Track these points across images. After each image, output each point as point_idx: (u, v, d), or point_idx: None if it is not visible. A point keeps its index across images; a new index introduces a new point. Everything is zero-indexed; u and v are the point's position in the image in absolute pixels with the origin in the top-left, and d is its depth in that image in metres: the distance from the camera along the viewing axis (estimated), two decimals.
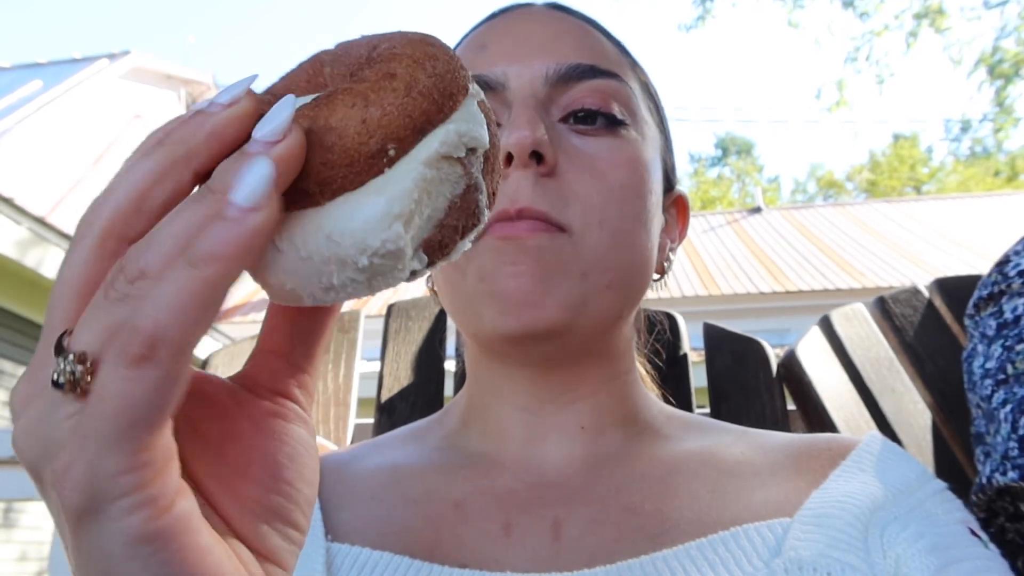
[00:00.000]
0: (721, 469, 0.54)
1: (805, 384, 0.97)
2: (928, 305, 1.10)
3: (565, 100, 0.56)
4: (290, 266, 0.27)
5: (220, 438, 0.30)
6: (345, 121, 0.26)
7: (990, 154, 22.85)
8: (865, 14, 9.20)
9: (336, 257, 0.26)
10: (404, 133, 0.26)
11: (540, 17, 0.60)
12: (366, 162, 0.26)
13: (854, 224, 11.91)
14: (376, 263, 0.26)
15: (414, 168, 0.26)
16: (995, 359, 0.66)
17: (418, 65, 0.27)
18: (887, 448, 0.55)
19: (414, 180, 0.26)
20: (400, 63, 0.27)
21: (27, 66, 10.86)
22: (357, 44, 0.30)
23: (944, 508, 0.51)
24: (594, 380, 0.57)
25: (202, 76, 12.63)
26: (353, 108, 0.26)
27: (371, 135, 0.26)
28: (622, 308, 0.56)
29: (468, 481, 0.55)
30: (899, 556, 0.46)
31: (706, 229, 12.30)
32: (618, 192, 0.54)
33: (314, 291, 0.27)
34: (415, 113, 0.26)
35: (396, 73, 0.27)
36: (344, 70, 0.30)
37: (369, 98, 0.26)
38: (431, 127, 0.27)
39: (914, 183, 26.44)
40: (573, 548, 0.49)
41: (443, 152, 0.27)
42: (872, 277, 9.44)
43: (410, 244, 0.27)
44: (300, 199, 0.26)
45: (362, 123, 0.26)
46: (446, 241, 0.29)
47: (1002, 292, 0.70)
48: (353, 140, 0.26)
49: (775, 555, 0.46)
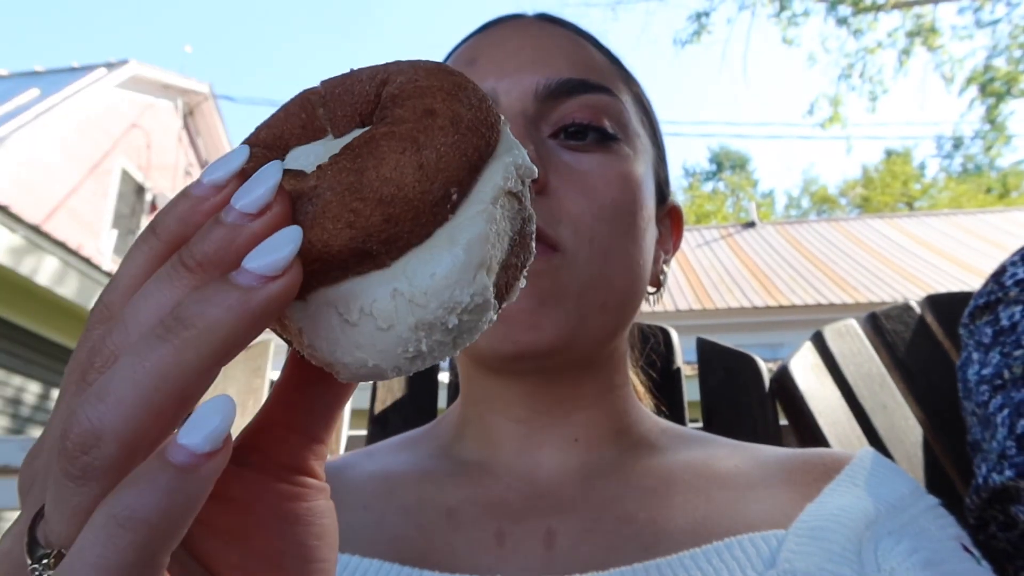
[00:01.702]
0: (715, 481, 0.54)
1: (797, 399, 0.97)
2: (919, 321, 1.10)
3: (555, 116, 0.55)
4: (367, 340, 0.24)
5: (243, 533, 0.28)
6: (400, 170, 0.23)
7: (982, 171, 23.01)
8: (859, 31, 9.27)
9: (422, 322, 0.23)
10: (462, 174, 0.24)
11: (530, 30, 0.60)
12: (430, 211, 0.23)
13: (847, 239, 11.96)
14: (465, 320, 0.24)
15: (482, 209, 0.24)
16: (992, 365, 0.67)
17: (453, 98, 0.25)
18: (880, 463, 0.56)
19: (485, 222, 0.24)
20: (434, 98, 0.25)
21: (25, 74, 10.87)
22: (355, 80, 0.27)
23: (937, 524, 0.51)
24: (588, 394, 0.58)
25: (199, 86, 12.65)
26: (404, 154, 0.23)
27: (432, 181, 0.23)
28: (617, 325, 0.57)
29: (461, 490, 0.55)
30: (893, 570, 0.46)
31: (700, 243, 12.34)
32: (609, 209, 0.54)
33: (398, 363, 0.24)
34: (469, 150, 0.24)
35: (435, 109, 0.24)
36: (349, 111, 0.27)
37: (419, 140, 0.23)
38: (483, 163, 0.25)
39: (907, 199, 26.56)
40: (566, 557, 0.49)
41: (507, 188, 0.26)
42: (865, 292, 9.47)
43: (493, 292, 0.25)
44: (361, 263, 0.24)
45: (419, 169, 0.23)
46: (511, 282, 0.27)
47: (999, 300, 0.71)
48: (414, 189, 0.23)
49: (769, 567, 0.46)
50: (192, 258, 0.22)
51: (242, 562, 0.28)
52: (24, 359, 5.46)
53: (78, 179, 9.91)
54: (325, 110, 0.28)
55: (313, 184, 0.23)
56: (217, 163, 0.24)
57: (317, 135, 0.28)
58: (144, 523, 0.20)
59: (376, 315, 0.23)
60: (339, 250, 0.23)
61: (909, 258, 10.79)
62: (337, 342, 0.24)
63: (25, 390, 5.51)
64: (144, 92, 11.54)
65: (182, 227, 0.24)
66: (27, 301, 5.17)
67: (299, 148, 0.27)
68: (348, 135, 0.27)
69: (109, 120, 10.63)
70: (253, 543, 0.28)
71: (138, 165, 11.25)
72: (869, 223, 13.11)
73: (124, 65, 10.91)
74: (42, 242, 4.91)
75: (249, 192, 0.23)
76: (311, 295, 0.24)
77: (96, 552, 0.20)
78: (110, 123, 10.64)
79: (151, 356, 0.21)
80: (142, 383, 0.21)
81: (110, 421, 0.21)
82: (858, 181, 28.65)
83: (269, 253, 0.22)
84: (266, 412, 0.30)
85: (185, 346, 0.21)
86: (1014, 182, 22.84)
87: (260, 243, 0.22)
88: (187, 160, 12.67)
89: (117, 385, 0.21)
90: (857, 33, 9.37)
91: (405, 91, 0.25)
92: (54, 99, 9.57)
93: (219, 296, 0.21)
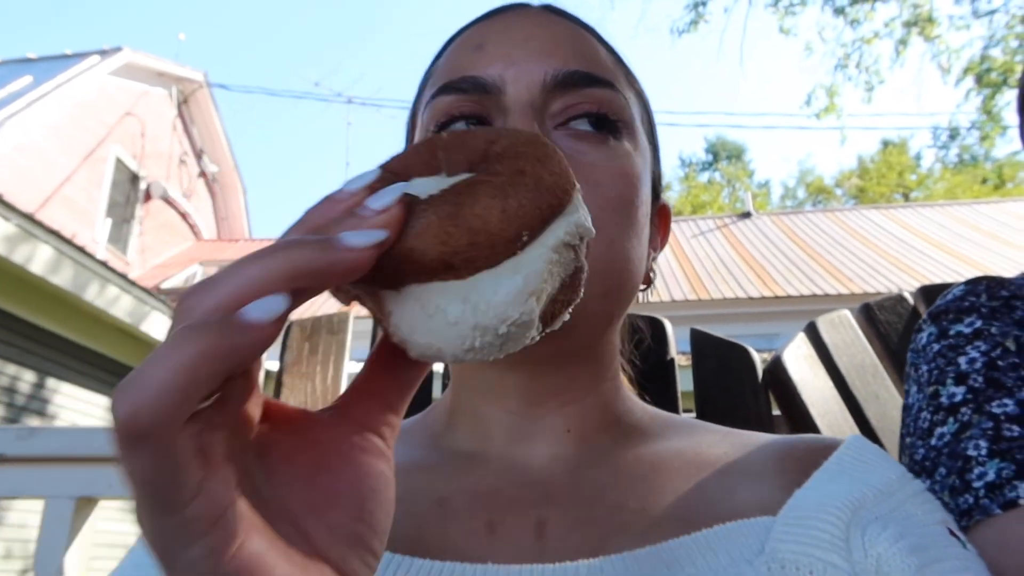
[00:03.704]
0: (705, 467, 0.55)
1: (790, 390, 0.98)
2: (913, 312, 1.11)
3: (560, 106, 0.56)
4: (438, 329, 0.31)
5: (312, 469, 0.33)
6: (488, 210, 0.30)
7: (978, 162, 23.06)
8: (856, 21, 9.26)
9: (480, 325, 0.31)
10: (535, 223, 0.31)
11: (538, 20, 0.60)
12: (505, 245, 0.31)
13: (843, 230, 11.99)
14: (511, 331, 0.31)
15: (544, 253, 0.32)
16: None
17: (541, 164, 0.33)
18: (868, 450, 0.56)
19: (544, 263, 0.32)
20: (527, 161, 0.32)
21: (17, 61, 10.79)
22: (471, 136, 0.36)
23: (924, 509, 0.52)
24: (582, 385, 0.58)
25: (194, 74, 12.58)
26: (494, 199, 0.30)
27: (510, 223, 0.30)
28: (612, 316, 0.57)
29: (452, 479, 0.55)
30: (880, 556, 0.47)
31: (696, 233, 12.35)
32: (615, 203, 0.54)
33: (456, 351, 0.31)
34: (543, 206, 0.31)
35: (525, 170, 0.32)
36: (462, 158, 0.35)
37: (507, 192, 0.31)
38: (552, 218, 0.32)
39: (902, 190, 26.62)
40: (557, 546, 0.50)
41: (565, 240, 0.33)
42: (859, 283, 9.50)
43: (538, 316, 0.32)
44: (445, 272, 0.31)
45: (503, 212, 0.30)
46: (556, 313, 0.34)
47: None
48: (496, 226, 0.30)
49: (757, 553, 0.47)
50: (329, 239, 0.29)
51: (306, 496, 0.32)
52: (18, 348, 5.44)
53: (72, 167, 9.86)
54: (444, 153, 0.36)
55: (424, 207, 0.31)
56: (356, 178, 0.33)
57: (435, 172, 0.36)
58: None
59: (447, 312, 0.31)
60: (431, 259, 0.30)
61: (905, 249, 10.82)
62: (414, 327, 0.31)
63: (20, 379, 5.49)
64: (138, 80, 11.47)
65: (323, 218, 0.31)
66: (21, 290, 5.15)
67: (420, 179, 0.34)
68: (457, 176, 0.34)
69: (103, 108, 10.57)
70: (318, 479, 0.32)
71: (132, 153, 11.19)
72: (865, 214, 13.15)
73: (118, 52, 10.84)
74: (36, 231, 4.89)
75: (379, 198, 0.31)
76: (404, 288, 0.32)
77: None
78: (104, 111, 10.58)
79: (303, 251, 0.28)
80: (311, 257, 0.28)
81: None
82: (854, 171, 28.70)
83: (383, 196, 0.30)
84: (355, 381, 0.36)
85: (330, 256, 0.28)
86: (1010, 173, 22.88)
87: (379, 233, 0.29)
88: (182, 148, 12.61)
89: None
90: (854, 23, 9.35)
91: (506, 152, 0.33)
92: (47, 86, 9.51)
93: (354, 220, 0.30)
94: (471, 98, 0.56)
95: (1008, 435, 0.60)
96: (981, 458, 0.60)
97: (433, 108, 0.57)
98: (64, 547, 1.39)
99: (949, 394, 0.65)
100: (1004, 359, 0.65)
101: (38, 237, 4.91)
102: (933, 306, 0.74)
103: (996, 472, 0.58)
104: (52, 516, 1.41)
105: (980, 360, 0.65)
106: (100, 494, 1.42)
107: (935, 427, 0.65)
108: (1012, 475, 0.57)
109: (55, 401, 5.84)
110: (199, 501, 0.27)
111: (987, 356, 0.65)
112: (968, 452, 0.61)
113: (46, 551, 1.39)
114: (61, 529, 1.40)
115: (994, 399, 0.62)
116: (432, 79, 0.60)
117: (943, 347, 0.69)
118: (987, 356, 0.65)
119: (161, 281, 10.75)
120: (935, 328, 0.71)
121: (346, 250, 0.29)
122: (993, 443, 0.60)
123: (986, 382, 0.64)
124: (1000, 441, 0.59)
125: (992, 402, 0.62)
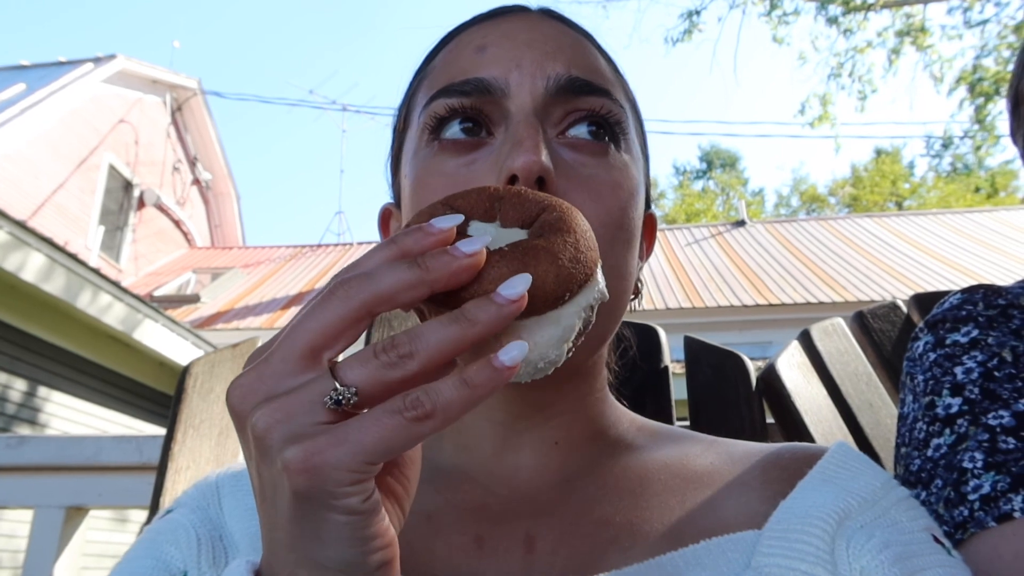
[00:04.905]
0: (691, 479, 0.55)
1: (784, 397, 0.98)
2: (906, 320, 1.11)
3: (560, 113, 0.56)
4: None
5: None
6: (546, 274, 0.39)
7: (971, 171, 23.19)
8: (849, 31, 9.32)
9: (527, 359, 0.40)
10: (575, 288, 0.40)
11: (540, 26, 0.59)
12: (552, 301, 0.40)
13: (836, 238, 12.02)
14: (543, 366, 0.41)
15: (576, 311, 0.41)
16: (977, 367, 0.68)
17: (583, 238, 0.42)
18: (852, 457, 0.56)
19: (576, 318, 0.41)
20: (572, 236, 0.41)
21: (11, 68, 10.77)
22: (527, 198, 0.44)
23: (908, 515, 0.52)
24: (570, 398, 0.58)
25: (188, 81, 12.58)
26: (551, 264, 0.39)
27: (559, 286, 0.39)
28: (606, 335, 0.57)
29: (439, 494, 0.55)
30: (864, 568, 0.47)
31: (690, 242, 12.38)
32: (615, 214, 0.54)
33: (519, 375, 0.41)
34: (581, 275, 0.41)
35: (574, 245, 0.41)
36: (517, 215, 0.44)
37: (559, 261, 0.40)
38: (585, 284, 0.41)
39: (896, 198, 26.74)
40: (546, 561, 0.49)
41: (591, 303, 0.42)
42: (853, 291, 9.53)
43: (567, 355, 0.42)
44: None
45: (556, 277, 0.39)
46: (573, 348, 0.43)
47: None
48: (550, 286, 0.39)
49: (744, 568, 0.47)
50: (427, 264, 0.37)
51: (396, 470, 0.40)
52: (9, 356, 5.41)
53: (65, 174, 9.84)
54: (500, 205, 0.44)
55: (498, 259, 0.39)
56: (443, 219, 0.40)
57: (491, 219, 0.44)
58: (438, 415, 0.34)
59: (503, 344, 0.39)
60: None
61: (898, 257, 10.86)
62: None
63: (10, 387, 5.46)
64: (132, 87, 11.46)
65: (414, 247, 0.38)
66: (13, 298, 5.12)
67: (477, 223, 0.43)
68: (509, 229, 0.43)
69: (96, 115, 10.55)
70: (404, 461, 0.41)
71: (126, 161, 11.17)
72: (858, 222, 13.19)
73: (112, 60, 10.83)
74: (28, 238, 4.86)
75: (471, 244, 0.38)
76: None
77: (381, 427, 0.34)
78: (97, 118, 10.57)
79: (455, 329, 0.36)
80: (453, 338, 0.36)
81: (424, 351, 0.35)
82: (847, 180, 28.82)
83: (514, 287, 0.37)
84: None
85: (476, 331, 0.36)
86: (1002, 182, 23.02)
87: (467, 273, 0.37)
88: (175, 156, 12.59)
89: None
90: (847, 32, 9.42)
91: (556, 223, 0.42)
92: (41, 94, 9.50)
93: (491, 305, 0.36)
94: (473, 100, 0.55)
95: (1004, 447, 0.60)
96: (977, 471, 0.60)
97: (433, 108, 0.57)
98: (54, 557, 1.38)
99: (945, 405, 0.65)
100: (1000, 370, 0.65)
101: (30, 244, 4.89)
102: (930, 314, 0.74)
103: (991, 485, 0.58)
104: (41, 525, 1.40)
105: (976, 371, 0.65)
106: (90, 503, 1.41)
107: (931, 438, 0.65)
108: (1007, 488, 0.57)
109: (46, 409, 5.79)
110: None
111: (983, 367, 0.65)
112: (964, 464, 0.61)
113: (35, 561, 1.38)
114: (51, 539, 1.39)
115: (990, 411, 0.62)
116: (429, 79, 0.60)
117: (939, 356, 0.69)
118: (983, 367, 0.65)
119: (154, 289, 10.72)
120: (932, 337, 0.71)
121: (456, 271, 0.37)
122: (989, 455, 0.60)
123: (982, 393, 0.64)
124: (996, 453, 0.60)
125: (988, 414, 0.62)
